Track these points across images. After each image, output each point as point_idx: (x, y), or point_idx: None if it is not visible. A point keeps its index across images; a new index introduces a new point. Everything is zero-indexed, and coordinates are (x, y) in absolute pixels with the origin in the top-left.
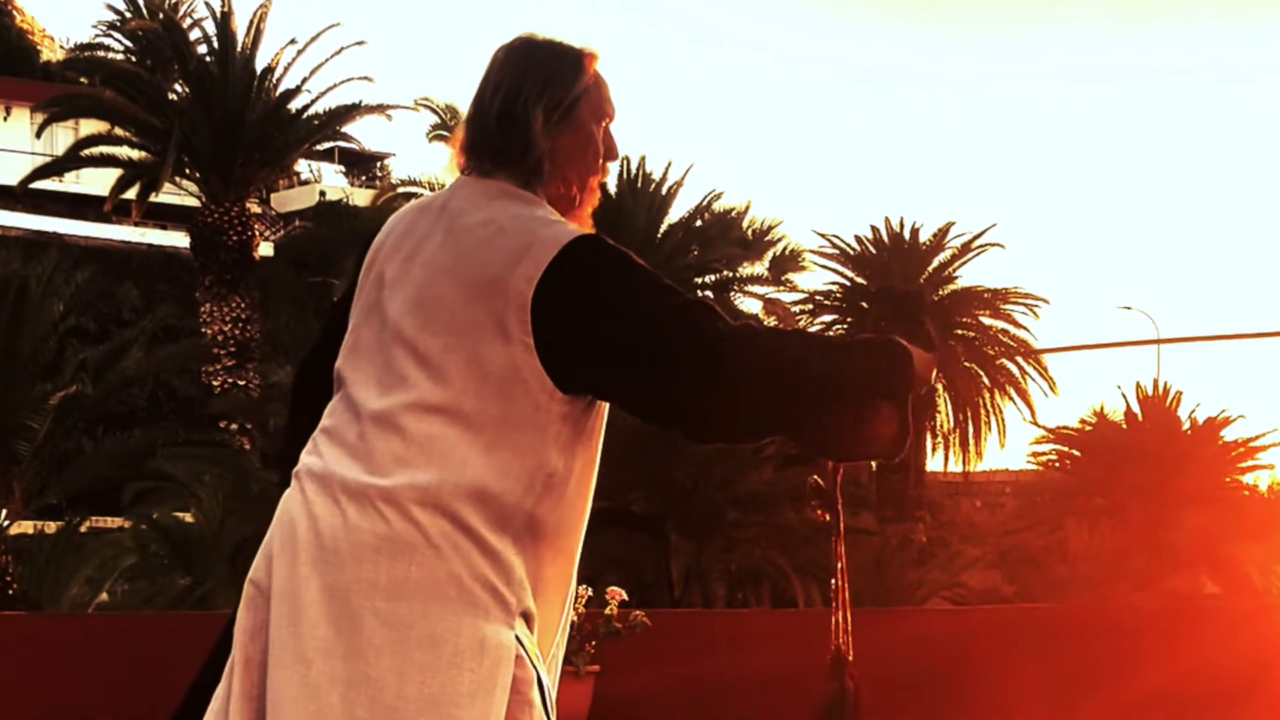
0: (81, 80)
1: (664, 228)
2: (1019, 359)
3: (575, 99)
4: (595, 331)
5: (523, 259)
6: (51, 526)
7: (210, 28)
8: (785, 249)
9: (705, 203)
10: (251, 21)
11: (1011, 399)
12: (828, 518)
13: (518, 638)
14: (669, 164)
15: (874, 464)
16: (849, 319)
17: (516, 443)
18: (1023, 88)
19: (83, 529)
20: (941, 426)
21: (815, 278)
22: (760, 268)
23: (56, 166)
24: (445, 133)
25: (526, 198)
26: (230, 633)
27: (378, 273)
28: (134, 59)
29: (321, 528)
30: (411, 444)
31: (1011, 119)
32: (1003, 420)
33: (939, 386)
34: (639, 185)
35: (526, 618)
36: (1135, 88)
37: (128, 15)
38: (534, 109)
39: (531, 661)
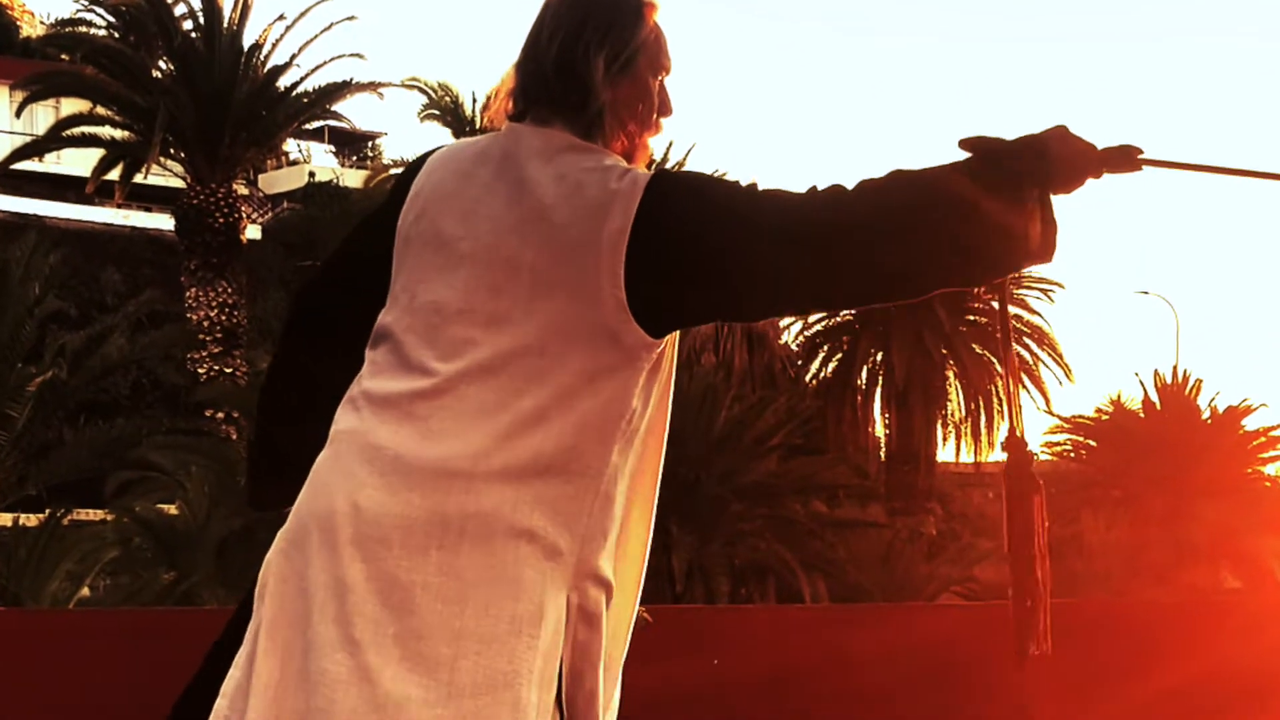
0: (63, 57)
1: None
2: (1033, 345)
3: (635, 50)
4: (703, 260)
5: (609, 214)
6: (31, 519)
7: (196, 2)
8: None
9: None
10: None
11: (1025, 387)
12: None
13: (584, 600)
14: (670, 143)
15: (951, 375)
16: None
17: (597, 397)
18: (1033, 52)
19: (64, 521)
20: (952, 415)
21: None
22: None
23: (37, 146)
24: (436, 112)
25: (593, 149)
26: (242, 617)
27: (431, 226)
28: (117, 35)
29: (366, 503)
30: (477, 413)
31: (1022, 85)
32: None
33: (950, 374)
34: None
35: (598, 580)
36: (1155, 50)
37: None
38: (595, 57)
39: (603, 625)
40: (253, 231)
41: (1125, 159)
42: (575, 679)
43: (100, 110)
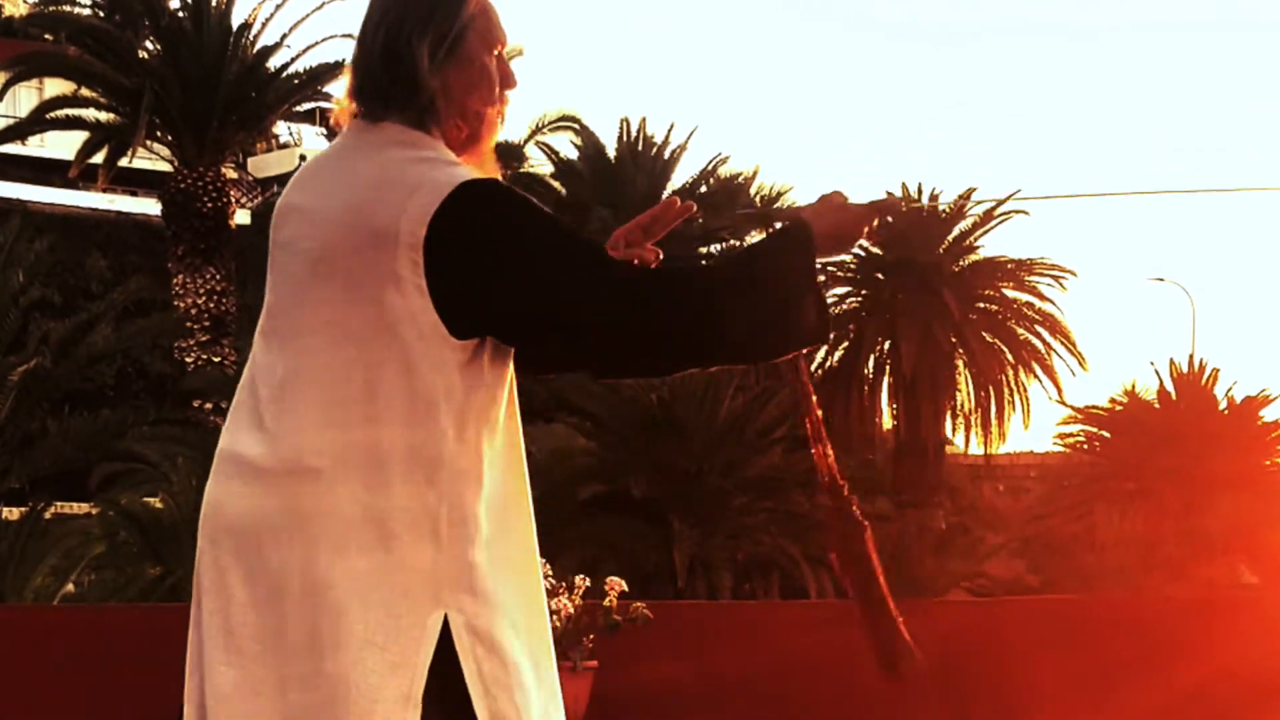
0: (46, 37)
1: (666, 193)
2: (1045, 333)
3: (462, 29)
4: (489, 278)
5: (411, 204)
6: (14, 512)
7: None
8: None
9: (710, 167)
10: None
11: (1036, 376)
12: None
13: (468, 617)
14: (671, 126)
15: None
16: (864, 291)
17: (417, 393)
18: (1048, 44)
19: (47, 515)
20: (962, 406)
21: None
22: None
23: (20, 129)
24: None
25: (417, 142)
26: None
27: (279, 234)
28: (102, 14)
29: (231, 508)
30: (309, 407)
31: (1037, 78)
32: (1027, 399)
33: (959, 363)
34: (639, 149)
35: (475, 593)
36: (1170, 41)
37: None
38: (419, 45)
39: (478, 639)
40: (242, 216)
41: (889, 209)
42: (477, 700)
43: (85, 92)
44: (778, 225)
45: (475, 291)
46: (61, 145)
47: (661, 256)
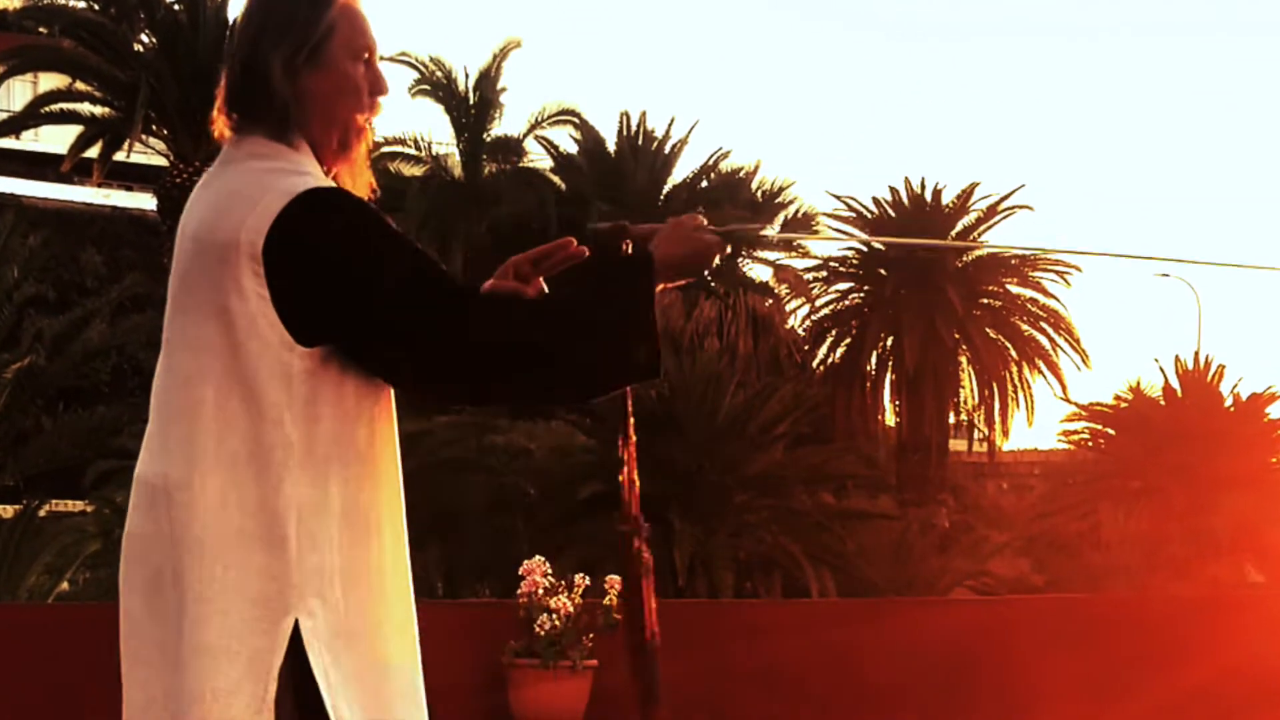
0: (41, 30)
1: (666, 189)
2: (1049, 329)
3: (322, 37)
4: (322, 283)
5: (252, 215)
6: (8, 510)
7: None
8: (798, 212)
9: (711, 162)
10: None
11: (1041, 373)
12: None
13: (300, 618)
14: (672, 120)
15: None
16: (866, 286)
17: (264, 403)
18: (1053, 37)
19: (42, 513)
20: (965, 403)
21: (830, 243)
22: (770, 232)
23: (13, 123)
24: (428, 87)
25: (273, 153)
26: None
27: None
28: (96, 7)
29: (129, 525)
30: (172, 423)
31: (1041, 71)
32: (1031, 396)
33: (963, 360)
34: (639, 143)
35: (321, 593)
36: (1176, 37)
37: None
38: (272, 55)
39: (328, 643)
40: None
41: (744, 238)
42: (329, 703)
43: (79, 85)
44: (628, 246)
45: (311, 297)
46: (56, 139)
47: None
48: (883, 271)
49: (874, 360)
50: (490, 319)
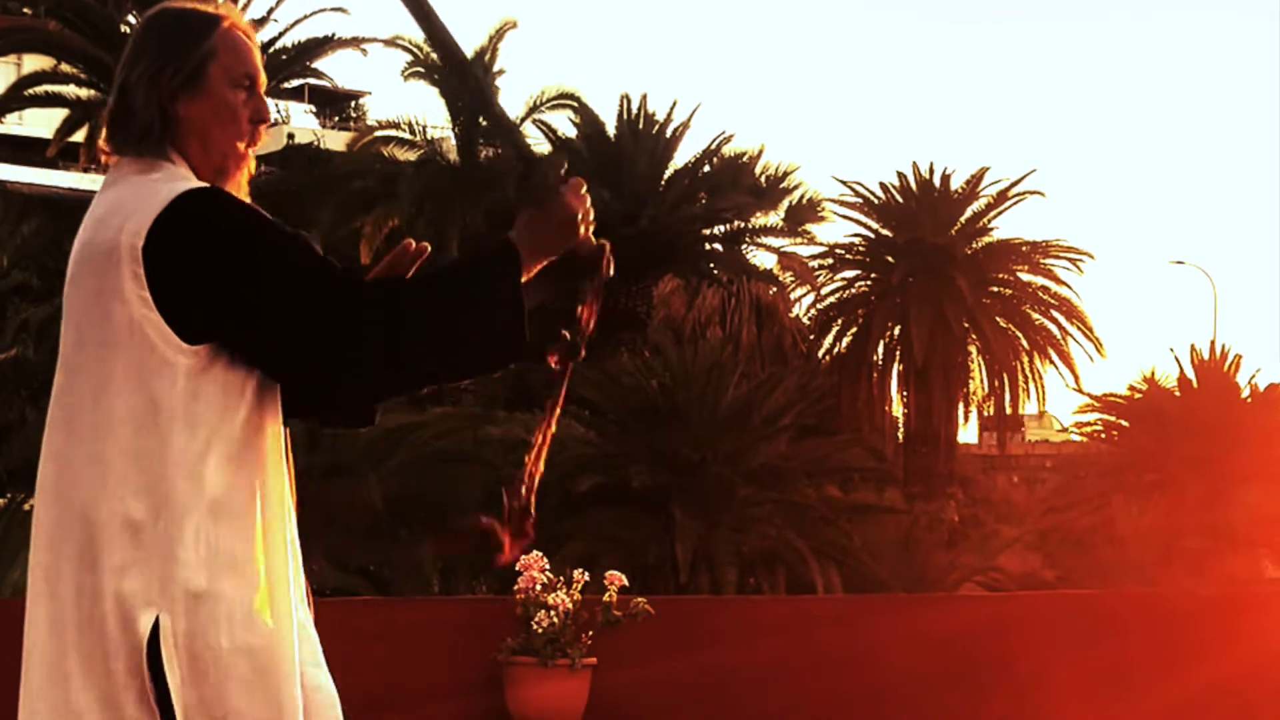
0: (24, 11)
1: (668, 174)
2: (1061, 318)
3: (198, 65)
4: (202, 279)
5: (131, 220)
6: None
7: None
8: (802, 197)
9: (714, 146)
10: None
11: (1052, 363)
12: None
13: (160, 615)
14: (674, 103)
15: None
16: (872, 274)
17: (140, 402)
18: (1065, 20)
19: (27, 506)
20: (975, 394)
21: (836, 229)
22: (775, 218)
23: None
24: (422, 70)
25: (152, 166)
26: None
27: None
28: None
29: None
30: (65, 425)
31: (1053, 55)
32: (1042, 387)
33: (972, 350)
34: (640, 127)
35: (197, 599)
36: (1190, 17)
37: None
38: (147, 80)
39: (184, 640)
40: None
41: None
42: (175, 697)
43: (64, 68)
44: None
45: (192, 294)
46: (40, 123)
47: None
48: (890, 259)
49: (881, 350)
50: (379, 298)
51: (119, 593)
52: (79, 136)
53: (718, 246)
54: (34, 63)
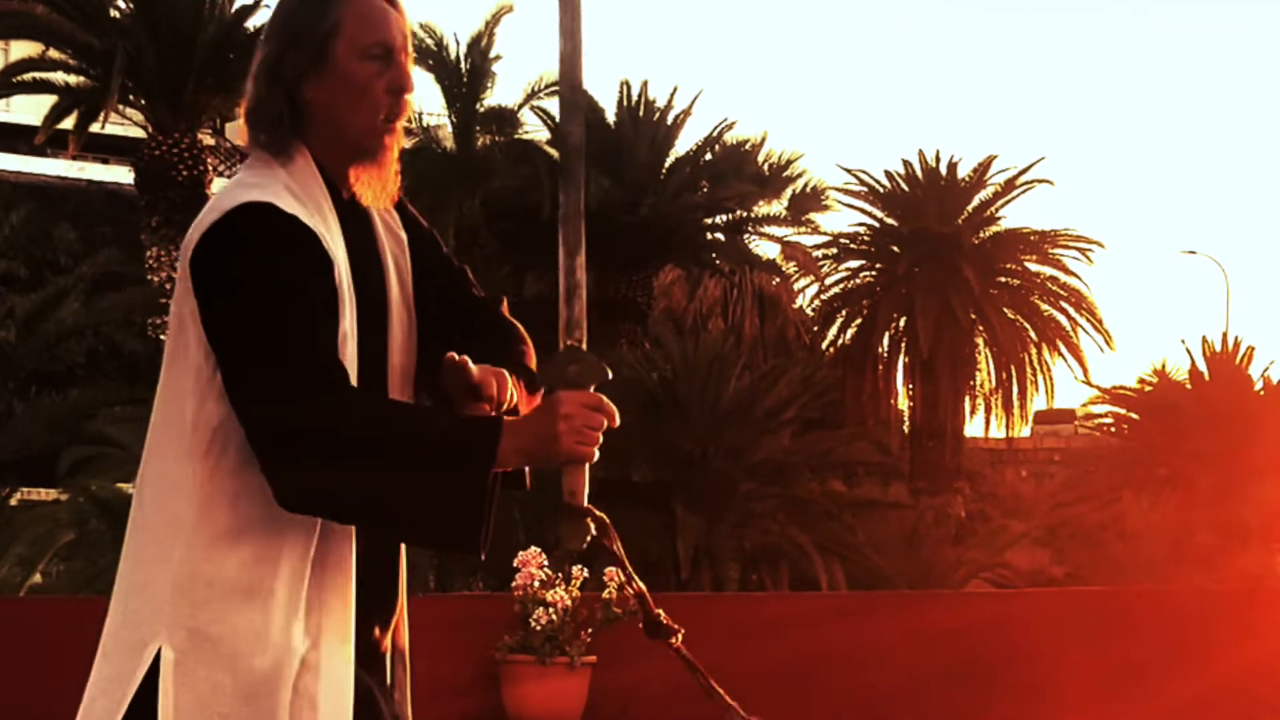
0: None
1: (669, 162)
2: (1070, 309)
3: (321, 43)
4: (203, 307)
5: (199, 224)
6: None
7: None
8: (806, 186)
9: (716, 133)
10: None
11: (1061, 355)
12: None
13: (163, 646)
14: (674, 89)
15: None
16: (878, 264)
17: (192, 420)
18: (1074, 6)
19: (13, 501)
20: (982, 386)
21: (840, 218)
22: (778, 207)
23: None
24: (417, 55)
25: (250, 165)
26: None
27: None
28: None
29: None
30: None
31: (1062, 40)
32: (1051, 379)
33: (979, 341)
34: (640, 114)
35: (191, 620)
36: (1202, 3)
37: None
38: (269, 67)
39: (183, 668)
40: (219, 185)
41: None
42: None
43: (53, 53)
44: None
45: (201, 314)
46: (28, 110)
47: None
48: (895, 249)
49: (886, 341)
50: (331, 413)
51: (138, 618)
52: (68, 124)
53: (720, 236)
54: (21, 49)
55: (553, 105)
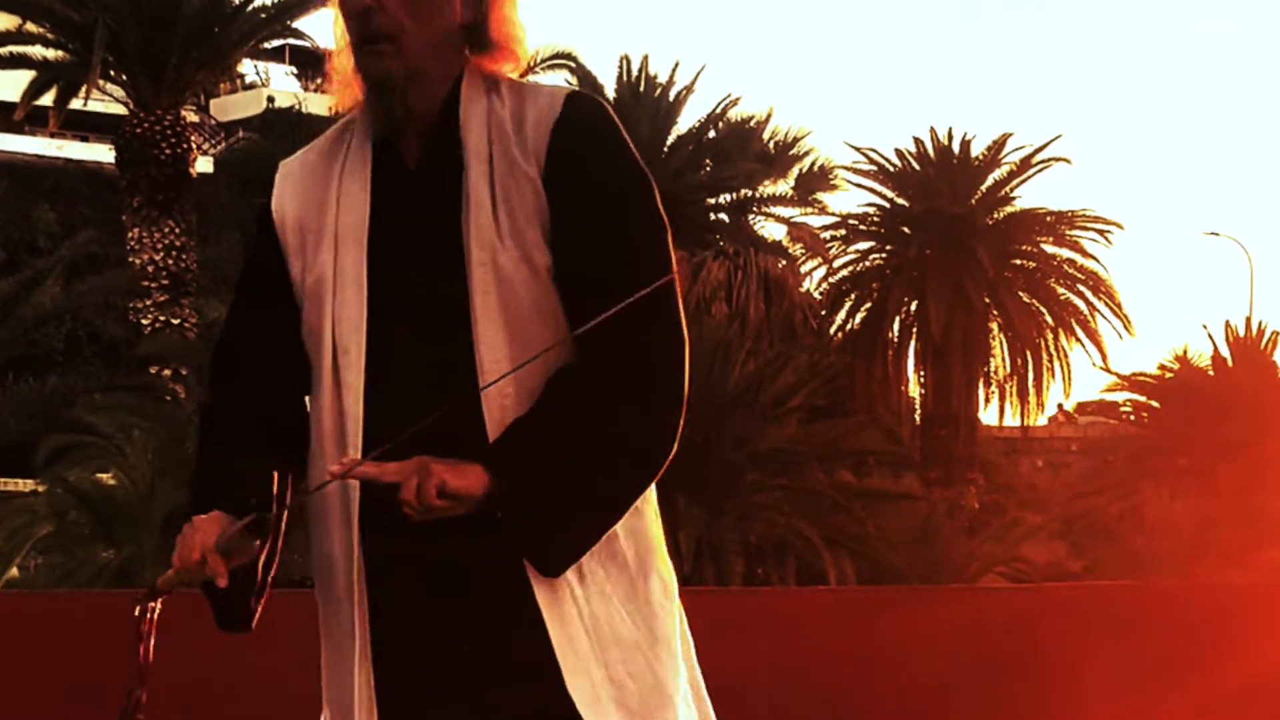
0: None
1: (671, 139)
2: (1087, 293)
3: None
4: None
5: None
6: None
7: None
8: (813, 164)
9: (720, 110)
10: None
11: (1079, 340)
12: None
13: None
14: (676, 64)
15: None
16: (888, 246)
17: None
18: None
19: None
20: (996, 373)
21: (849, 198)
22: (784, 186)
23: None
24: None
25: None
26: None
27: None
28: None
29: None
30: None
31: (1080, 13)
32: (1068, 365)
33: (994, 326)
34: (641, 89)
35: None
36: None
37: None
38: None
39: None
40: (204, 164)
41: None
42: None
43: (31, 27)
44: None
45: None
46: (5, 85)
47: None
48: (906, 230)
49: (897, 326)
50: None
51: None
52: (47, 100)
53: (723, 216)
54: None
55: (549, 79)
